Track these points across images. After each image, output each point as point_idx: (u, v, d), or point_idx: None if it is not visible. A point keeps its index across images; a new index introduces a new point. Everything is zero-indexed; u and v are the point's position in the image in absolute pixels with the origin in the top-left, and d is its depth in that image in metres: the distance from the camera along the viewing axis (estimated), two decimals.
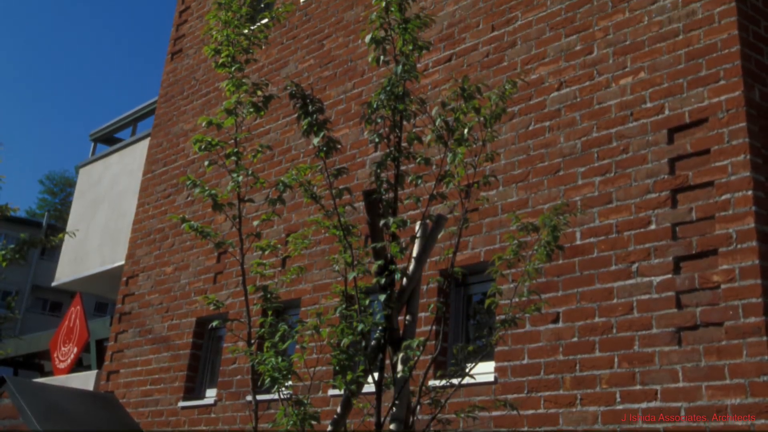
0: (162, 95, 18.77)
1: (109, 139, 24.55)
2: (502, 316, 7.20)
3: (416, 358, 6.57)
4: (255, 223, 8.43)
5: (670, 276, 8.74)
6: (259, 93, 8.54)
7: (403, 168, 7.33)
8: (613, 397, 8.83)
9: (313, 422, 6.68)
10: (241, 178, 7.99)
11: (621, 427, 8.65)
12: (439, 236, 7.35)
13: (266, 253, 8.24)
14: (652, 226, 9.04)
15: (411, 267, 6.96)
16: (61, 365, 20.89)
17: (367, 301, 7.01)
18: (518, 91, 10.56)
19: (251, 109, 8.32)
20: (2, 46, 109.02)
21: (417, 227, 7.23)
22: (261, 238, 8.40)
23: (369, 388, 6.71)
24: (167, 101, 18.46)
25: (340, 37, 14.27)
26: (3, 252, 12.58)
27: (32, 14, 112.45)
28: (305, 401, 6.77)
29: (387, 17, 7.71)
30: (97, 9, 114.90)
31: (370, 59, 7.74)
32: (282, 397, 6.95)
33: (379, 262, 6.82)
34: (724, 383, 8.06)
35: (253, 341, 7.59)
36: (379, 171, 7.26)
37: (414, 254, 7.07)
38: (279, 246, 8.37)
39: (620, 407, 8.73)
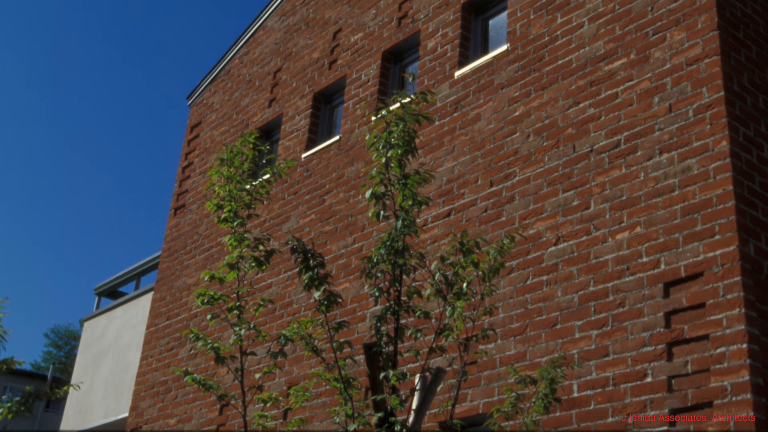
0: (165, 250, 18.94)
1: (113, 293, 24.69)
2: None
3: None
4: (257, 375, 8.45)
5: (666, 428, 8.75)
6: (261, 248, 8.66)
7: (402, 321, 7.43)
8: None
9: None
10: (243, 331, 8.07)
11: None
12: (439, 389, 7.40)
13: (268, 405, 8.27)
14: (648, 379, 9.09)
15: (411, 419, 7.00)
16: None
17: None
18: (516, 246, 10.70)
19: (253, 264, 8.42)
20: (8, 202, 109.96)
21: (416, 380, 7.29)
22: (263, 390, 8.41)
23: None
24: (170, 256, 18.62)
25: (340, 192, 14.48)
26: (8, 404, 12.52)
27: (37, 169, 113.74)
28: None
29: (387, 173, 7.88)
30: (102, 164, 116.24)
31: (370, 214, 7.89)
32: None
33: (380, 415, 6.86)
34: None
35: None
36: (379, 324, 7.34)
37: (414, 406, 7.11)
38: (281, 398, 8.41)
39: None
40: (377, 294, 7.57)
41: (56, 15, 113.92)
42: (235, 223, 8.70)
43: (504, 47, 12.55)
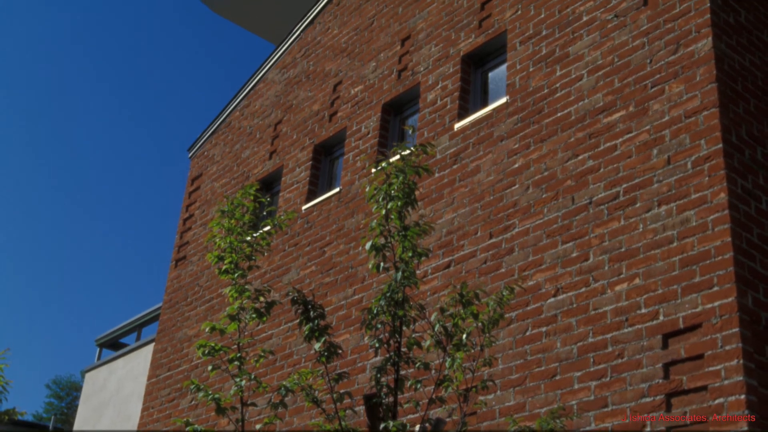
0: (166, 301, 18.96)
1: (115, 344, 24.70)
2: None
3: None
4: (258, 426, 8.47)
5: None
6: (262, 299, 8.71)
7: (402, 372, 7.45)
8: None
9: None
10: (243, 382, 8.10)
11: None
12: None
13: None
14: (648, 430, 9.08)
15: None
16: None
17: None
18: (516, 297, 10.73)
19: (254, 315, 8.47)
20: (9, 253, 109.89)
21: (416, 430, 7.31)
22: None
23: None
24: (171, 307, 18.64)
25: (341, 244, 14.53)
26: None
27: (39, 220, 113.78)
28: None
29: (387, 225, 7.94)
30: (102, 216, 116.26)
31: (370, 266, 7.94)
32: None
33: None
34: None
35: None
36: (379, 376, 7.38)
37: None
38: None
39: None
40: (377, 345, 7.61)
41: (57, 67, 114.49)
42: (236, 275, 8.76)
43: (503, 99, 12.64)
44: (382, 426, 7.05)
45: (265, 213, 15.81)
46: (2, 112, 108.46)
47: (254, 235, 9.32)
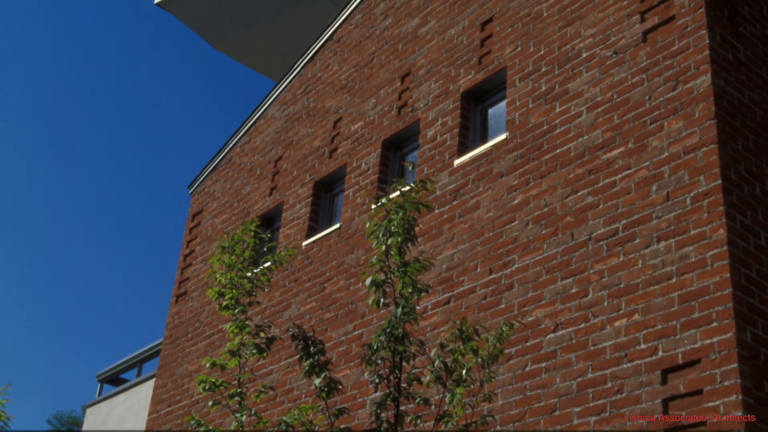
0: (167, 337, 18.95)
1: (115, 380, 24.68)
2: None
3: None
4: None
5: None
6: (262, 335, 8.73)
7: (402, 408, 7.47)
8: None
9: None
10: (244, 417, 8.11)
11: None
12: None
13: None
14: None
15: None
16: None
17: None
18: (515, 333, 10.74)
19: (254, 351, 8.49)
20: (10, 289, 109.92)
21: None
22: None
23: None
24: (172, 342, 18.63)
25: (341, 280, 14.54)
26: None
27: (39, 255, 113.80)
28: None
29: (387, 261, 7.97)
30: (103, 251, 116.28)
31: (370, 301, 7.97)
32: None
33: None
34: None
35: None
36: (379, 411, 7.39)
37: None
38: None
39: None
40: (377, 381, 7.62)
41: (57, 103, 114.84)
42: (237, 311, 8.78)
43: (503, 136, 12.69)
44: None
45: (265, 249, 15.83)
46: (3, 149, 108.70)
47: (255, 271, 9.34)
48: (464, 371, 7.77)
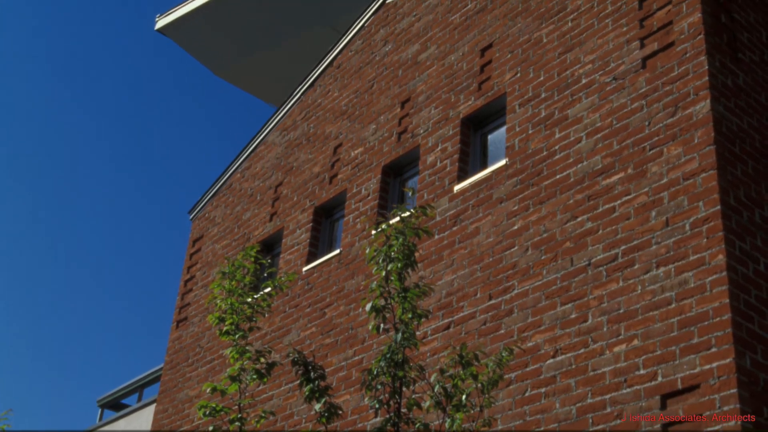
0: (167, 362, 18.92)
1: (116, 405, 24.65)
2: None
3: None
4: None
5: None
6: (262, 360, 8.75)
7: None
8: None
9: None
10: None
11: None
12: None
13: None
14: None
15: None
16: None
17: None
18: (515, 358, 10.73)
19: (254, 376, 8.50)
20: (11, 314, 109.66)
21: None
22: None
23: None
24: (173, 368, 18.60)
25: (341, 305, 14.53)
26: None
27: (39, 280, 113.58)
28: None
29: (387, 286, 7.99)
30: (103, 277, 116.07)
31: (370, 327, 7.99)
32: None
33: None
34: None
35: None
36: None
37: None
38: None
39: None
40: (377, 406, 7.63)
41: (56, 130, 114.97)
42: (237, 336, 8.80)
43: (503, 162, 12.72)
44: None
45: (265, 274, 15.87)
46: (2, 176, 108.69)
47: (255, 296, 9.35)
48: (464, 396, 7.78)
